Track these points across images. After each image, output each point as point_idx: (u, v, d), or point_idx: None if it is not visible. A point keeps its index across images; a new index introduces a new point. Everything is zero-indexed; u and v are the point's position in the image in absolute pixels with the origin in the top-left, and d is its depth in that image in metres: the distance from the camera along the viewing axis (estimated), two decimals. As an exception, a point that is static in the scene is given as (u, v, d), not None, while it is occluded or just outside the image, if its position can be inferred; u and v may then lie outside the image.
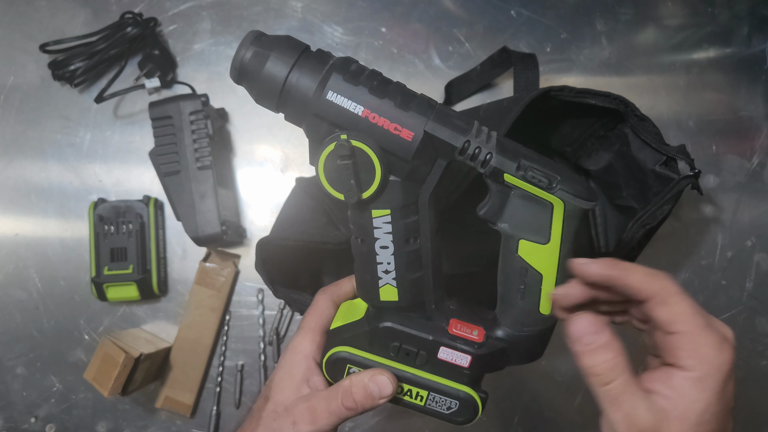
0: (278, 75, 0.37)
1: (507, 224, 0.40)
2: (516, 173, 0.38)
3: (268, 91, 0.38)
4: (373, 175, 0.38)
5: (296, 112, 0.38)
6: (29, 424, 0.68)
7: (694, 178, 0.52)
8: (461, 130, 0.38)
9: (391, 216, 0.40)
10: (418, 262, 0.42)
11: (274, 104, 0.38)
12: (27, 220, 0.69)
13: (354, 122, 0.37)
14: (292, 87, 0.37)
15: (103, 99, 0.66)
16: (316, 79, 0.37)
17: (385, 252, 0.42)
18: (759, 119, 0.71)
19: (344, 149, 0.37)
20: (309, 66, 0.37)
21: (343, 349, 0.45)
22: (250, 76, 0.38)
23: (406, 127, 0.37)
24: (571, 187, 0.38)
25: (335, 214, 0.57)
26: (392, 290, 0.43)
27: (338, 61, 0.38)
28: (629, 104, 0.54)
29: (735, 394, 0.36)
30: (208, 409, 0.68)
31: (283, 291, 0.54)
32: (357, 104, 0.37)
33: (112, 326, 0.69)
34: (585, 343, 0.36)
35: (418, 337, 0.44)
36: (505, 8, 0.71)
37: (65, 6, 0.71)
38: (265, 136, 0.70)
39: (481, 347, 0.43)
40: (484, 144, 0.38)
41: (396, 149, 0.38)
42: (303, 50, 0.38)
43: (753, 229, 0.70)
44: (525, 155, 0.38)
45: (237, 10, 0.71)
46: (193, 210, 0.62)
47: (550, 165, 0.39)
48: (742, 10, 0.72)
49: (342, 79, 0.37)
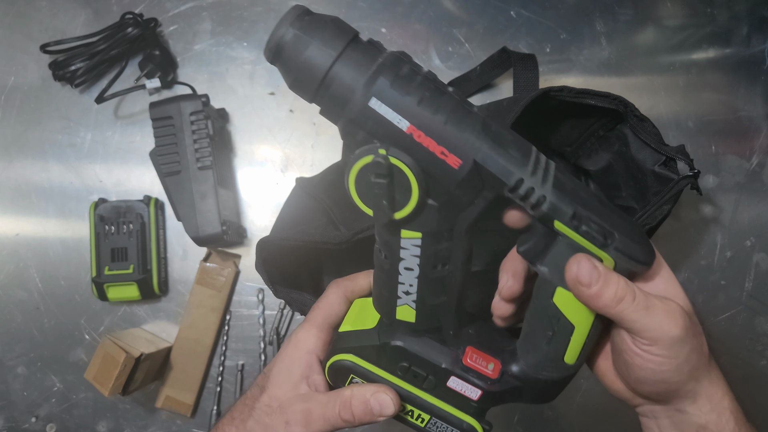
0: (319, 66, 0.32)
1: (547, 269, 0.36)
2: (570, 223, 0.34)
3: (305, 81, 0.33)
4: (408, 197, 0.34)
5: (333, 110, 0.34)
6: (30, 424, 0.68)
7: (694, 178, 0.53)
8: (516, 162, 0.33)
9: (421, 240, 0.37)
10: (443, 288, 0.39)
11: (310, 96, 0.34)
12: (28, 220, 0.69)
13: (396, 137, 0.33)
14: (333, 82, 0.33)
15: (103, 99, 0.66)
16: (361, 80, 0.32)
17: (409, 274, 0.39)
18: (758, 119, 0.71)
19: (381, 167, 0.33)
20: (355, 61, 0.32)
21: (348, 358, 0.43)
22: (286, 60, 0.33)
23: (454, 153, 0.32)
24: (627, 248, 0.34)
25: (335, 214, 0.57)
26: (410, 311, 0.41)
27: (388, 59, 0.33)
28: (629, 104, 0.55)
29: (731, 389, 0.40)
30: (209, 408, 0.68)
31: (283, 291, 0.54)
32: (402, 118, 0.32)
33: (113, 326, 0.69)
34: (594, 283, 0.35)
35: (429, 363, 0.41)
36: (505, 9, 0.72)
37: (66, 6, 0.71)
38: (265, 137, 0.70)
39: (495, 384, 0.41)
40: (539, 184, 0.33)
41: (439, 174, 0.33)
42: (351, 39, 0.33)
43: (752, 229, 0.70)
44: (583, 201, 0.34)
45: (237, 10, 0.71)
46: (194, 210, 0.62)
47: (609, 215, 0.35)
48: (741, 10, 0.72)
49: (389, 84, 0.32)
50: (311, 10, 0.34)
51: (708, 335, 0.69)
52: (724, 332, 0.69)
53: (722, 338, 0.69)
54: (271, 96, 0.71)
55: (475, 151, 0.32)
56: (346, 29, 0.34)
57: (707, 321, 0.69)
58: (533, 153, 0.34)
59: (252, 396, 0.45)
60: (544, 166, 0.34)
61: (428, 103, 0.32)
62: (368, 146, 0.33)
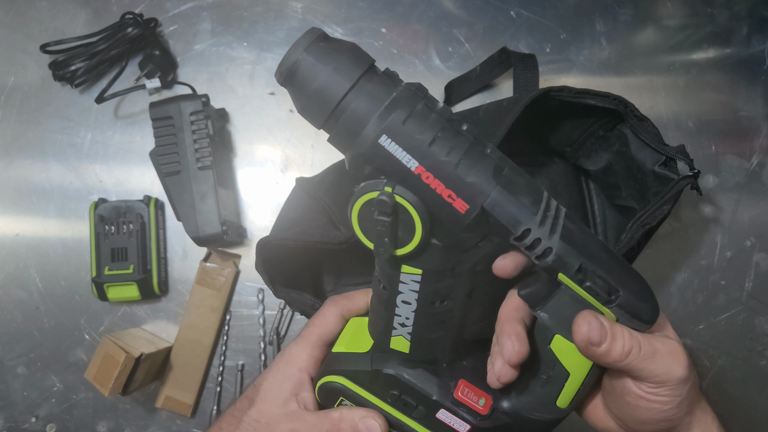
0: (331, 95, 0.31)
1: (548, 316, 0.36)
2: (574, 276, 0.33)
3: (315, 109, 0.33)
4: (411, 236, 0.33)
5: (342, 141, 0.33)
6: (30, 424, 0.68)
7: (694, 178, 0.53)
8: (525, 211, 0.32)
9: (421, 277, 0.36)
10: (440, 323, 0.39)
11: (319, 124, 0.33)
12: (28, 220, 0.69)
13: (404, 176, 0.32)
14: (344, 113, 0.32)
15: (103, 99, 0.66)
16: (373, 115, 0.31)
17: (406, 307, 0.38)
18: (758, 119, 0.71)
19: (385, 205, 0.32)
20: (369, 93, 0.31)
21: (339, 381, 0.42)
22: (298, 85, 0.32)
23: (462, 198, 0.31)
24: (631, 307, 0.34)
25: (335, 214, 0.57)
26: (404, 343, 0.40)
27: (404, 93, 0.32)
28: (629, 104, 0.55)
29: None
30: (209, 408, 0.68)
31: (283, 291, 0.54)
32: (412, 158, 0.31)
33: (113, 326, 0.69)
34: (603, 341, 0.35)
35: (420, 393, 0.41)
36: (505, 9, 0.72)
37: (66, 6, 0.71)
38: (265, 137, 0.70)
39: (484, 420, 0.41)
40: (547, 235, 0.32)
41: (444, 218, 0.32)
42: (366, 69, 0.32)
43: (752, 229, 0.70)
44: (591, 253, 0.33)
45: (237, 10, 0.71)
46: (194, 210, 0.62)
47: (617, 269, 0.34)
48: (741, 10, 0.72)
49: (401, 122, 0.31)
50: (328, 35, 0.33)
51: (708, 335, 0.70)
52: (724, 332, 0.69)
53: (722, 338, 0.69)
54: (271, 96, 0.71)
55: (484, 197, 0.31)
56: (363, 58, 0.32)
57: (707, 321, 0.70)
58: (544, 199, 0.33)
59: (240, 408, 0.44)
60: (553, 214, 0.33)
61: (440, 144, 0.31)
62: (375, 181, 0.33)
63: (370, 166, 0.32)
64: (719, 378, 0.69)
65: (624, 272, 0.34)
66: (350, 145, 0.33)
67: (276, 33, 0.71)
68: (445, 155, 0.31)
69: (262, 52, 0.71)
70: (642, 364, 0.35)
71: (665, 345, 0.36)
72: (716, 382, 0.69)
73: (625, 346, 0.35)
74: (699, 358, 0.69)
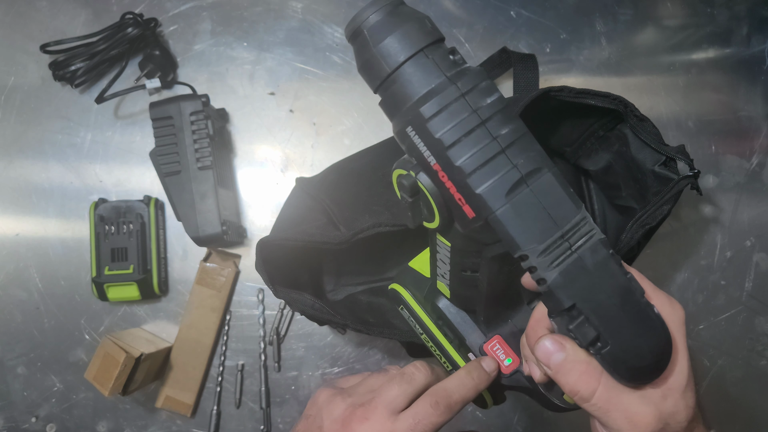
0: (389, 61, 0.31)
1: (557, 326, 0.36)
2: (561, 314, 0.32)
3: (371, 71, 0.32)
4: (432, 217, 0.34)
5: (387, 111, 0.33)
6: (30, 424, 0.68)
7: (694, 178, 0.53)
8: (527, 237, 0.31)
9: (450, 249, 0.38)
10: (473, 287, 0.41)
11: (374, 86, 0.33)
12: (28, 220, 0.69)
13: (426, 166, 0.32)
14: (394, 84, 0.32)
15: (103, 99, 0.66)
16: (411, 98, 0.31)
17: (443, 265, 0.41)
18: (758, 119, 0.71)
19: (405, 188, 0.33)
20: (418, 71, 0.31)
21: (403, 293, 0.48)
22: (362, 42, 0.32)
23: (469, 205, 0.31)
24: (614, 361, 0.32)
25: (335, 214, 0.57)
26: (446, 289, 0.44)
27: (444, 84, 0.31)
28: (629, 104, 0.55)
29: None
30: (209, 408, 0.68)
31: (283, 291, 0.54)
32: (431, 155, 0.31)
33: (113, 326, 0.69)
34: (552, 366, 0.35)
35: (457, 331, 0.45)
36: (505, 9, 0.72)
37: (66, 6, 0.71)
38: (265, 137, 0.70)
39: (505, 378, 0.44)
40: (546, 265, 0.31)
41: (457, 216, 0.33)
42: (430, 43, 0.31)
43: (752, 229, 0.70)
44: (589, 298, 0.31)
45: (237, 10, 0.71)
46: (194, 210, 0.62)
47: (618, 321, 0.32)
48: (741, 10, 0.72)
49: (429, 117, 0.31)
50: (404, 1, 0.33)
51: (708, 335, 0.70)
52: (724, 332, 0.69)
53: (722, 338, 0.69)
54: (271, 96, 0.71)
55: (489, 212, 0.31)
56: (430, 31, 0.32)
57: (707, 321, 0.70)
58: (563, 228, 0.31)
59: None
60: (566, 246, 0.31)
61: (459, 149, 0.30)
62: (407, 159, 0.33)
63: (403, 145, 0.33)
64: (719, 378, 0.69)
65: (628, 326, 0.32)
66: (390, 118, 0.33)
67: (276, 33, 0.71)
68: (460, 161, 0.30)
69: (262, 52, 0.71)
70: (596, 413, 0.35)
71: (633, 407, 0.34)
72: (716, 382, 0.69)
73: (575, 386, 0.34)
74: (699, 358, 0.69)
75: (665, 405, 0.34)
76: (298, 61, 0.71)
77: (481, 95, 0.31)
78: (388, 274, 0.66)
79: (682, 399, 0.34)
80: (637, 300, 0.32)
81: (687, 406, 0.35)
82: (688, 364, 0.35)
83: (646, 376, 0.33)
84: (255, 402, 0.68)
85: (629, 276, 0.33)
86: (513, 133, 0.31)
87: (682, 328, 0.35)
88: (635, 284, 0.33)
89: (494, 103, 0.31)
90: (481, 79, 0.32)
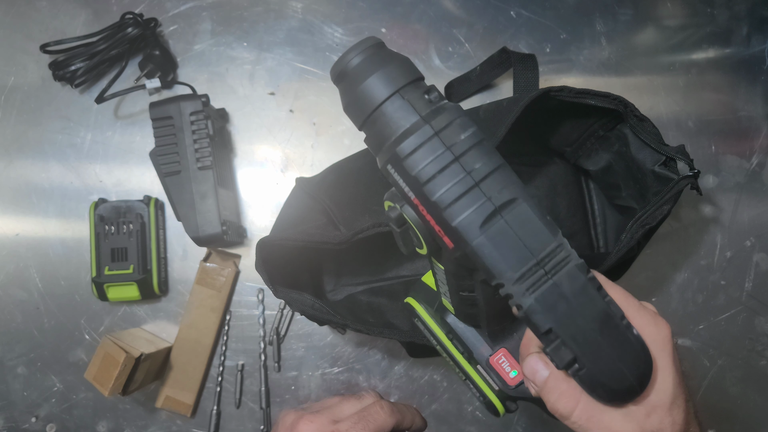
0: (371, 100, 0.33)
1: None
2: (541, 337, 0.33)
3: (354, 110, 0.34)
4: (421, 245, 0.36)
5: (371, 147, 0.35)
6: (30, 424, 0.68)
7: (694, 178, 0.53)
8: (503, 266, 0.32)
9: (445, 273, 0.40)
10: (474, 303, 0.42)
11: (359, 122, 0.34)
12: (28, 220, 0.69)
13: (407, 200, 0.34)
14: (377, 122, 0.33)
15: (103, 99, 0.66)
16: (390, 137, 0.33)
17: (443, 285, 0.42)
18: (758, 119, 0.71)
19: (392, 219, 0.35)
20: (397, 110, 0.33)
21: (416, 307, 0.49)
22: (347, 84, 0.34)
23: (448, 237, 0.33)
24: (592, 381, 0.33)
25: (335, 214, 0.57)
26: (449, 305, 0.45)
27: (417, 125, 0.32)
28: (629, 105, 0.55)
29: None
30: (209, 408, 0.68)
31: (283, 291, 0.54)
32: (410, 190, 0.33)
33: (113, 326, 0.69)
34: (537, 383, 0.37)
35: (465, 345, 0.46)
36: (505, 9, 0.72)
37: (66, 6, 0.71)
38: (265, 137, 0.70)
39: (510, 390, 0.45)
40: (522, 292, 0.32)
41: (441, 245, 0.35)
42: (407, 83, 0.33)
43: (752, 229, 0.70)
44: (567, 323, 0.32)
45: (237, 10, 0.71)
46: (194, 210, 0.62)
47: (596, 345, 0.32)
48: (741, 10, 0.72)
49: (406, 155, 0.32)
50: (385, 45, 0.34)
51: (708, 335, 0.70)
52: (724, 332, 0.69)
53: (722, 338, 0.69)
54: (271, 96, 0.71)
55: (465, 244, 0.32)
56: (407, 72, 0.33)
57: (707, 321, 0.70)
58: (538, 256, 0.32)
59: None
60: (540, 275, 0.32)
61: (433, 185, 0.32)
62: (394, 192, 0.35)
63: (388, 180, 0.34)
64: (719, 378, 0.69)
65: (606, 349, 0.33)
66: (375, 155, 0.34)
67: (276, 33, 0.71)
68: (436, 196, 0.32)
69: (262, 52, 0.71)
70: (578, 430, 0.36)
71: (615, 425, 0.34)
72: (716, 382, 0.69)
73: (555, 404, 0.36)
74: (699, 358, 0.69)
75: (649, 422, 0.34)
76: (298, 61, 0.71)
77: (455, 132, 0.32)
78: (388, 274, 0.66)
79: (668, 416, 0.34)
80: (615, 324, 0.33)
81: (674, 422, 0.35)
82: (672, 381, 0.35)
83: (623, 398, 0.34)
84: (255, 402, 0.68)
85: (608, 299, 0.33)
86: (487, 166, 0.32)
87: (668, 346, 0.36)
88: (614, 307, 0.33)
89: (468, 138, 0.32)
90: (456, 116, 0.33)
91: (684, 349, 0.69)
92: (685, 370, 0.36)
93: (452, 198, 0.32)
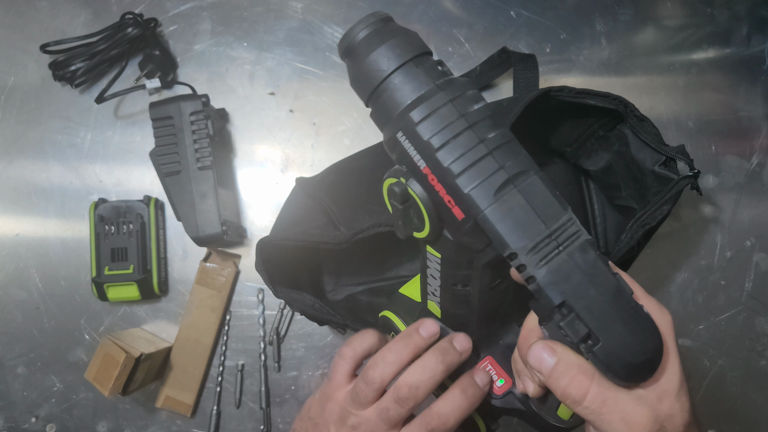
0: (377, 72, 0.33)
1: (548, 333, 0.36)
2: (552, 313, 0.32)
3: (361, 83, 0.34)
4: (423, 225, 0.35)
5: (377, 121, 0.34)
6: (30, 424, 0.68)
7: (694, 178, 0.53)
8: (516, 235, 0.31)
9: (440, 261, 0.38)
10: (464, 303, 0.40)
11: (366, 96, 0.34)
12: (28, 220, 0.69)
13: (416, 172, 0.33)
14: (383, 94, 0.33)
15: (103, 99, 0.66)
16: (400, 106, 0.32)
17: (434, 281, 0.40)
18: (758, 119, 0.71)
19: (395, 195, 0.34)
20: (407, 81, 0.32)
21: (393, 319, 0.47)
22: (354, 57, 0.34)
23: (459, 207, 0.32)
24: (607, 358, 0.32)
25: (335, 214, 0.57)
26: (436, 308, 0.43)
27: (432, 91, 0.32)
28: (628, 104, 0.55)
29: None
30: (209, 408, 0.68)
31: (283, 291, 0.54)
32: (421, 159, 0.32)
33: (113, 326, 0.69)
34: (544, 371, 0.35)
35: None
36: (505, 9, 0.72)
37: (66, 6, 0.71)
38: (265, 137, 0.70)
39: (496, 399, 0.42)
40: (534, 263, 0.31)
41: (447, 219, 0.34)
42: (417, 55, 0.33)
43: (752, 229, 0.70)
44: (580, 295, 0.31)
45: (237, 10, 0.71)
46: (194, 210, 0.62)
47: (609, 317, 0.32)
48: (741, 10, 0.72)
49: (418, 121, 0.32)
50: (392, 18, 0.34)
51: (708, 335, 0.70)
52: (724, 332, 0.69)
53: (722, 338, 0.69)
54: (271, 96, 0.71)
55: (477, 211, 0.32)
56: (418, 44, 0.33)
57: (707, 321, 0.70)
58: (551, 227, 0.32)
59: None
60: (554, 245, 0.32)
61: (448, 151, 0.31)
62: (397, 168, 0.34)
63: (394, 154, 0.34)
64: (719, 378, 0.69)
65: (620, 322, 0.32)
66: (381, 128, 0.34)
67: (276, 33, 0.71)
68: (449, 162, 0.31)
69: (262, 52, 0.71)
70: (590, 416, 0.34)
71: (629, 408, 0.33)
72: (716, 382, 0.69)
73: (567, 389, 0.34)
74: (699, 358, 0.69)
75: (661, 407, 0.34)
76: (298, 61, 0.71)
77: (468, 102, 0.32)
78: (388, 274, 0.66)
79: (678, 401, 0.34)
80: (627, 298, 0.33)
81: (683, 409, 0.35)
82: (679, 367, 0.35)
83: (639, 374, 0.33)
84: (255, 402, 0.68)
85: (618, 276, 0.33)
86: (500, 137, 0.32)
87: (672, 333, 0.35)
88: (624, 284, 0.33)
89: (481, 109, 0.32)
90: (467, 88, 0.33)
91: (684, 349, 0.69)
92: (685, 370, 0.36)
93: (466, 165, 0.31)
